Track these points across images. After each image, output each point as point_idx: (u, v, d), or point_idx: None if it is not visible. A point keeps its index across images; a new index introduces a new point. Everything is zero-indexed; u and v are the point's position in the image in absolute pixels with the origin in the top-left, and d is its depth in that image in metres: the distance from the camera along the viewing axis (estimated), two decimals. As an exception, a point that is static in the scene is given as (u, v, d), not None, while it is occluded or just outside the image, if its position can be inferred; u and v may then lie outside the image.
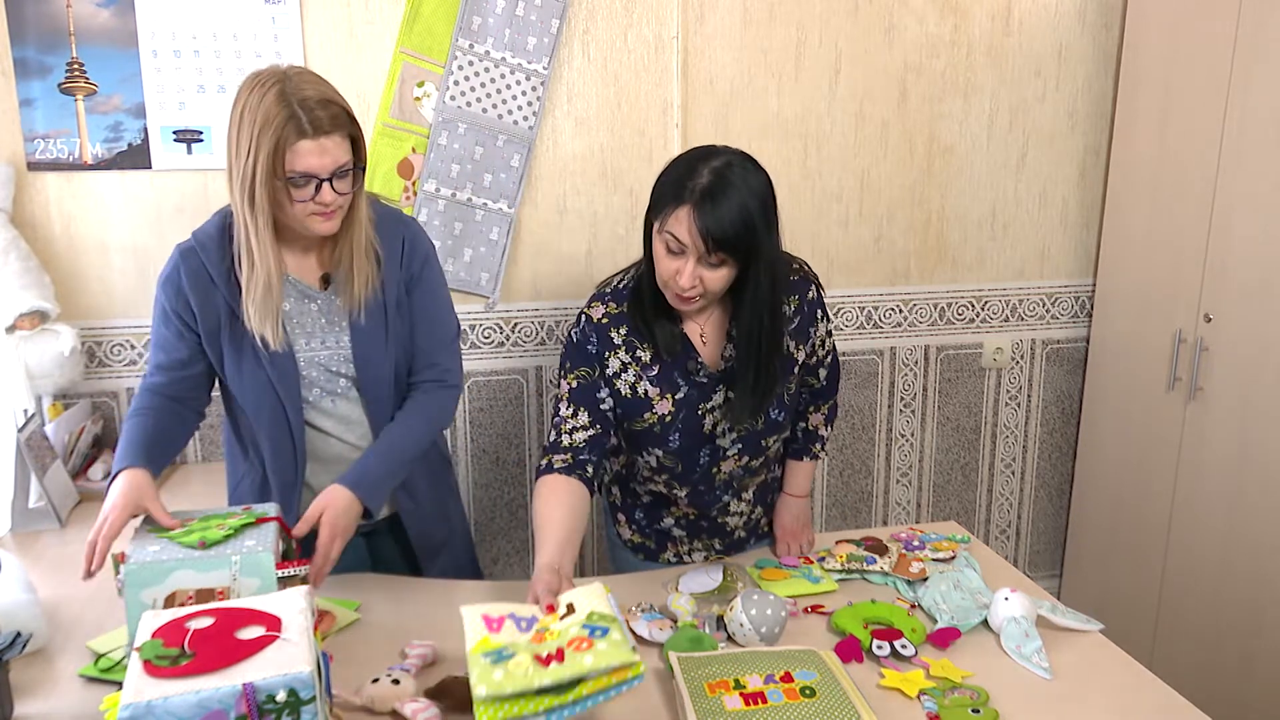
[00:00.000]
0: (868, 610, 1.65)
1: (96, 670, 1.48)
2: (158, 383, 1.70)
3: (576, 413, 1.70)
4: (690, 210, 1.52)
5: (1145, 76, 2.75)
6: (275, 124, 1.49)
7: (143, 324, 2.48)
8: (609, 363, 1.71)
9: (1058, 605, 1.66)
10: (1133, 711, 1.42)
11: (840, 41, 2.74)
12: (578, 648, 1.29)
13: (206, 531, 1.40)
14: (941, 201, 2.91)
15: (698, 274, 1.56)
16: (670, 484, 1.84)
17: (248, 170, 1.50)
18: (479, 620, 1.35)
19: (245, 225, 1.55)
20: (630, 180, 2.68)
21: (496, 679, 1.23)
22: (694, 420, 1.74)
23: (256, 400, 1.70)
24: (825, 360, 1.89)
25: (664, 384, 1.72)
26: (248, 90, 1.53)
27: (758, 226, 1.54)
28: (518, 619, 1.38)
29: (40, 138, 2.34)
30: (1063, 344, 3.12)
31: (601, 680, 1.27)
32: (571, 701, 1.25)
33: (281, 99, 1.49)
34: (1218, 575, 2.56)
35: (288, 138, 1.49)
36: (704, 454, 1.78)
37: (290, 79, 1.53)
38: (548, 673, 1.24)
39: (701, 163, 1.56)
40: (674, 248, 1.56)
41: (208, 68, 2.39)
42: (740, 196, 1.52)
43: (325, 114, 1.52)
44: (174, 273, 1.64)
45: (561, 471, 1.66)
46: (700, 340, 1.73)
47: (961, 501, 3.18)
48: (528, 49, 2.53)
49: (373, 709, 1.38)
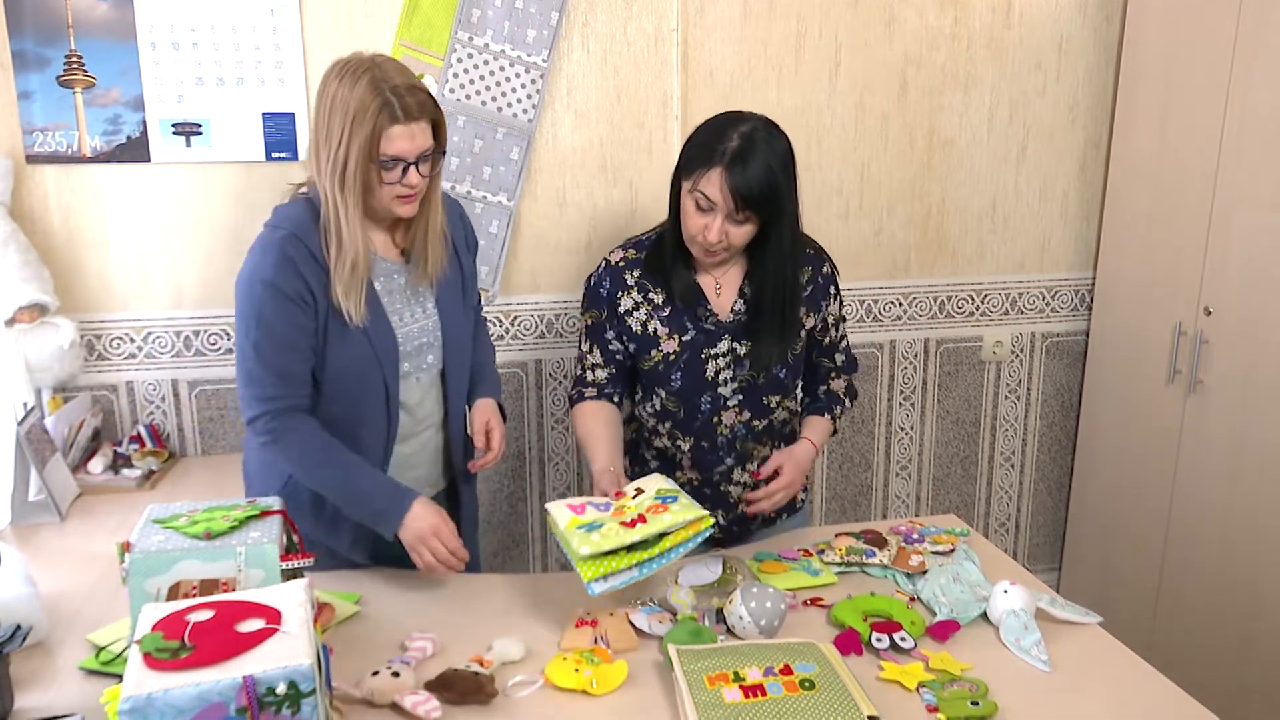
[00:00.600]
0: (867, 603, 1.65)
1: (97, 663, 1.48)
2: (299, 403, 1.69)
3: (592, 349, 1.93)
4: (722, 172, 1.69)
5: (1146, 70, 2.75)
6: (370, 110, 1.58)
7: (142, 317, 2.48)
8: (621, 301, 1.89)
9: (1057, 598, 1.66)
10: (1131, 704, 1.43)
11: (840, 34, 2.73)
12: (655, 511, 1.58)
13: (211, 522, 1.40)
14: (942, 195, 2.91)
15: (725, 229, 1.73)
16: (674, 435, 1.94)
17: (340, 155, 1.59)
18: (564, 509, 1.63)
19: (335, 206, 1.63)
20: (630, 173, 2.68)
21: (594, 539, 1.52)
22: (697, 364, 1.87)
23: (359, 377, 1.73)
24: (840, 343, 2.02)
25: (673, 325, 1.87)
26: (336, 79, 1.61)
27: (781, 187, 1.72)
28: (595, 504, 1.65)
29: (39, 130, 2.34)
30: (1063, 337, 3.12)
31: (680, 534, 1.56)
32: (658, 554, 1.54)
33: (374, 86, 1.58)
34: (1216, 568, 2.56)
35: (382, 124, 1.59)
36: (705, 400, 1.89)
37: (379, 66, 1.62)
38: (634, 532, 1.53)
39: (730, 127, 1.72)
40: (704, 205, 1.73)
41: (206, 60, 2.38)
42: (766, 159, 1.69)
43: (414, 100, 1.62)
44: (284, 259, 1.64)
45: (592, 399, 1.92)
46: (714, 291, 1.88)
47: (961, 494, 3.18)
48: (527, 41, 2.52)
49: (373, 701, 1.38)
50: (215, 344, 2.54)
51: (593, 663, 1.46)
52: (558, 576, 1.78)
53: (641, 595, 1.67)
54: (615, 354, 1.92)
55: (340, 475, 1.69)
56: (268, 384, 1.66)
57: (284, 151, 2.46)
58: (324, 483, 1.71)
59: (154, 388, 2.53)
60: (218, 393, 2.57)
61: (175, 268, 2.48)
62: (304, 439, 1.69)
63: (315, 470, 1.70)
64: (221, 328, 2.53)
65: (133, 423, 2.54)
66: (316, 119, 1.64)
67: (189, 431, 2.58)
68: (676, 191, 1.80)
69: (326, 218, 1.64)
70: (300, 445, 1.68)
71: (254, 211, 2.48)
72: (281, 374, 1.66)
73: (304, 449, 1.68)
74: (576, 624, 1.59)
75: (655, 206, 2.66)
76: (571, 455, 2.85)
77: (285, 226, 1.67)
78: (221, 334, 2.53)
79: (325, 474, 1.70)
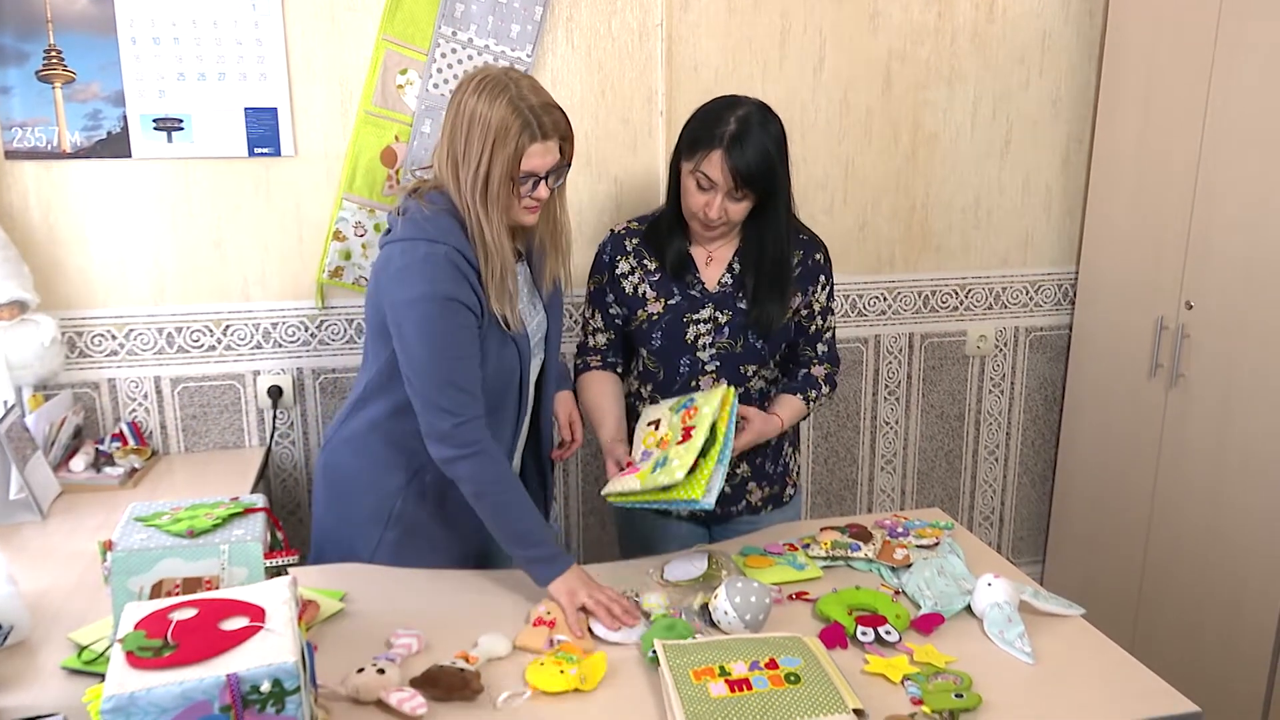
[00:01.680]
0: (852, 597, 1.66)
1: (79, 662, 1.47)
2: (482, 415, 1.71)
3: (595, 314, 2.06)
4: (722, 154, 1.82)
5: (1128, 64, 2.76)
6: (513, 131, 1.64)
7: (123, 314, 2.47)
8: (619, 265, 2.02)
9: (1040, 590, 1.67)
10: (1114, 694, 1.44)
11: (825, 28, 2.73)
12: (690, 416, 1.74)
13: (194, 520, 1.39)
14: (925, 189, 2.92)
15: (724, 206, 1.87)
16: (654, 399, 2.03)
17: (483, 173, 1.66)
18: (624, 479, 1.75)
19: (480, 220, 1.68)
20: (615, 168, 2.67)
21: (675, 465, 1.65)
22: (678, 326, 1.98)
23: (506, 377, 1.80)
24: (825, 333, 2.08)
25: (661, 290, 2.00)
26: (474, 96, 1.66)
27: (776, 166, 1.86)
28: (639, 456, 1.79)
29: (18, 126, 2.31)
30: (1046, 331, 3.14)
31: (723, 415, 1.71)
32: (723, 442, 1.69)
33: (513, 106, 1.64)
34: (1198, 559, 2.58)
35: (524, 143, 1.65)
36: (684, 363, 2.00)
37: (516, 84, 1.67)
38: (695, 439, 1.68)
39: (728, 111, 1.85)
40: (704, 184, 1.86)
41: (188, 55, 2.37)
42: (762, 141, 1.83)
43: (549, 119, 1.68)
44: (457, 273, 1.66)
45: (596, 369, 2.05)
46: (705, 262, 2.00)
47: (945, 488, 3.20)
48: (511, 36, 2.51)
49: (358, 699, 1.38)
50: (198, 340, 2.52)
51: (571, 660, 1.46)
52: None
53: (628, 590, 1.67)
54: (614, 318, 2.05)
55: (517, 510, 1.71)
56: (460, 399, 1.67)
57: (266, 147, 2.44)
58: (499, 510, 1.71)
59: (136, 385, 2.51)
60: (200, 389, 2.55)
61: (157, 264, 2.47)
62: (498, 461, 1.71)
63: (500, 494, 1.70)
64: (204, 324, 2.52)
65: (115, 420, 2.52)
66: (453, 134, 1.68)
67: (171, 429, 2.56)
68: (676, 172, 1.93)
69: (472, 230, 1.70)
70: (482, 471, 1.69)
71: (236, 207, 2.47)
72: (468, 386, 1.69)
73: (499, 472, 1.70)
74: (534, 623, 1.59)
75: (640, 201, 2.66)
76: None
77: (446, 240, 1.68)
78: (204, 330, 2.52)
79: (504, 501, 1.70)
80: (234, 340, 2.54)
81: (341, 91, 2.46)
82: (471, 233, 1.70)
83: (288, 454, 2.65)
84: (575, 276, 1.97)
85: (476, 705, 1.40)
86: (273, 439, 2.61)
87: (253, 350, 2.56)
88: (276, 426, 2.61)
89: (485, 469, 1.69)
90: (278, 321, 2.55)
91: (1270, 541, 2.37)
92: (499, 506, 1.70)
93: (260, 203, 2.48)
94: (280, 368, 2.58)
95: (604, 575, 1.73)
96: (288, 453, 2.65)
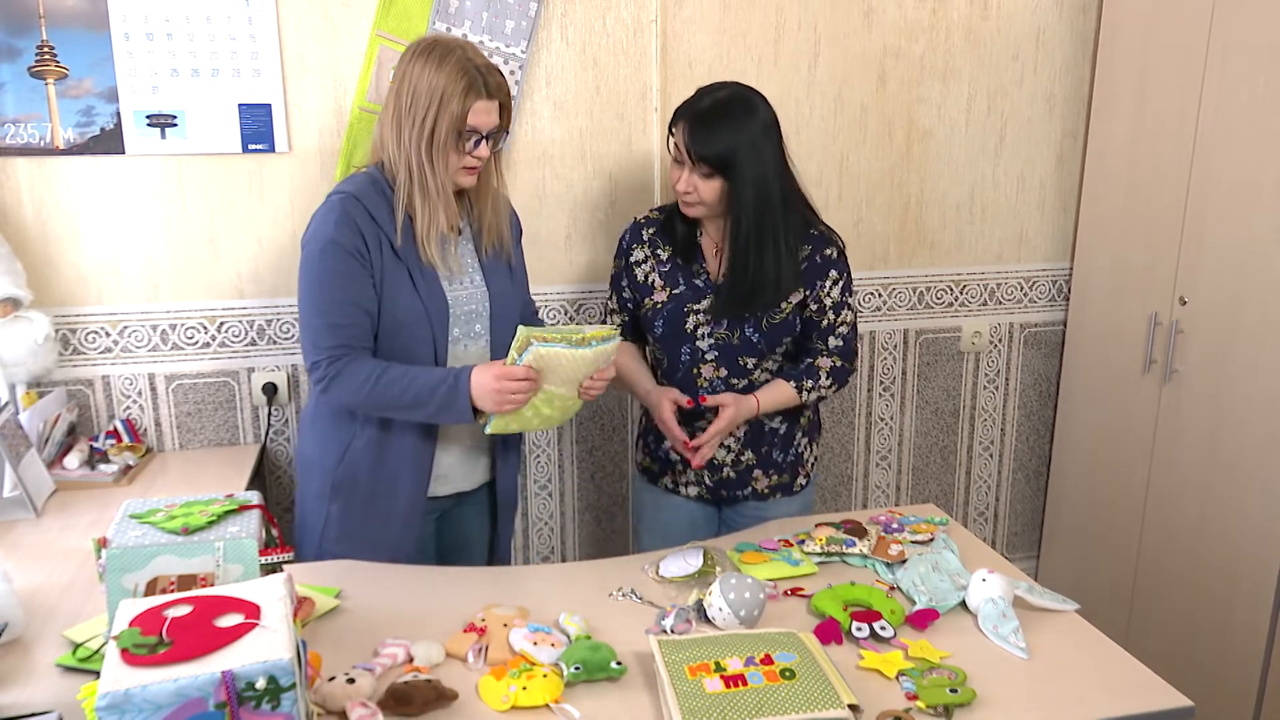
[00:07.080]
0: (847, 592, 1.66)
1: (74, 660, 1.47)
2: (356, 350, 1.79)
3: (612, 296, 2.16)
4: (684, 127, 1.90)
5: (1122, 61, 2.76)
6: (462, 85, 1.74)
7: (117, 311, 2.46)
8: (634, 253, 2.10)
9: (1034, 586, 1.68)
10: (1108, 689, 1.44)
11: (819, 25, 2.73)
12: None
13: (189, 518, 1.39)
14: (920, 186, 2.92)
15: (692, 181, 1.91)
16: (661, 384, 2.09)
17: (428, 127, 1.75)
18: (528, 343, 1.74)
19: (423, 170, 1.77)
20: (609, 164, 2.67)
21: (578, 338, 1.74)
22: (679, 314, 2.03)
23: (412, 333, 1.83)
24: (838, 328, 2.07)
25: (668, 279, 2.06)
26: (423, 58, 1.76)
27: (738, 149, 1.87)
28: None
29: (10, 122, 2.30)
30: (1040, 327, 3.14)
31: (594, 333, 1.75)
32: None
33: (461, 66, 1.74)
34: (1192, 555, 2.59)
35: (470, 100, 1.75)
36: (685, 351, 2.05)
37: (463, 47, 1.78)
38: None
39: (708, 93, 1.93)
40: (676, 157, 1.94)
41: (181, 51, 2.36)
42: (728, 122, 1.86)
43: (494, 80, 1.79)
44: (345, 217, 1.77)
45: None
46: (713, 253, 2.04)
47: (940, 484, 3.20)
48: (505, 32, 2.51)
49: (325, 707, 1.34)
50: (192, 337, 2.52)
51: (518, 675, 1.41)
52: (538, 570, 1.78)
53: (623, 586, 1.67)
54: (627, 302, 2.13)
55: (400, 384, 1.77)
56: (327, 333, 1.78)
57: (260, 143, 2.44)
58: (384, 397, 1.78)
59: (130, 382, 2.51)
60: (195, 387, 2.55)
61: (151, 261, 2.46)
62: (359, 368, 1.78)
63: (374, 389, 1.77)
64: (199, 321, 2.51)
65: (109, 417, 2.51)
66: (398, 97, 1.77)
67: (166, 426, 2.56)
68: None
69: (404, 183, 1.78)
70: (356, 374, 1.77)
71: (230, 203, 2.46)
72: (340, 325, 1.78)
73: (363, 374, 1.77)
74: (465, 629, 1.54)
75: (635, 198, 2.66)
76: (552, 447, 2.84)
77: (344, 189, 1.81)
78: (198, 327, 2.51)
79: (383, 388, 1.77)
80: (228, 337, 2.54)
81: (335, 87, 2.46)
82: (400, 184, 1.79)
83: (282, 451, 2.65)
84: (574, 268, 1.98)
85: (454, 711, 1.36)
86: (268, 436, 2.61)
87: (247, 347, 2.55)
88: (271, 423, 2.61)
89: (354, 375, 1.77)
90: (272, 318, 2.55)
91: (1263, 536, 2.38)
92: (385, 397, 1.78)
93: (254, 199, 2.48)
94: (275, 364, 2.58)
95: (601, 572, 1.73)
96: (282, 450, 2.65)
